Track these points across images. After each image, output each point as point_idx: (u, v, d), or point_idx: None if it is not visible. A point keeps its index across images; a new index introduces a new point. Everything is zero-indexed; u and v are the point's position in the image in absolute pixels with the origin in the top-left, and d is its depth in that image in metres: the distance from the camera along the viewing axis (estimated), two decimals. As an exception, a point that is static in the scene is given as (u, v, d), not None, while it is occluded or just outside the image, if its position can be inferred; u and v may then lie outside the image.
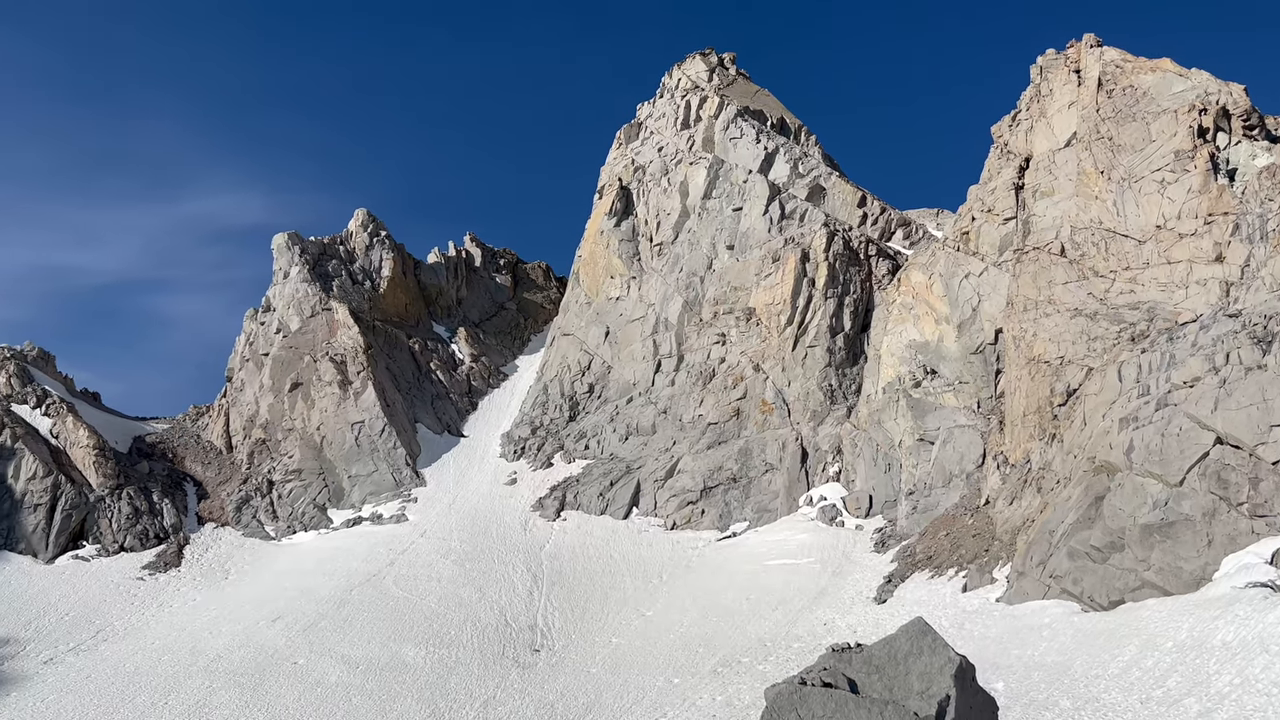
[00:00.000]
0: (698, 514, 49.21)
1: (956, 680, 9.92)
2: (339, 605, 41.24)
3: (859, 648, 10.73)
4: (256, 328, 70.41)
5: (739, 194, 60.93)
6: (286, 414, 63.60)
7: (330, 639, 37.69)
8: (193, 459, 64.11)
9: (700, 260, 60.69)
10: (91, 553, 52.40)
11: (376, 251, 76.57)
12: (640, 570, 43.81)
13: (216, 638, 39.21)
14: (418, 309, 77.47)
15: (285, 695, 32.71)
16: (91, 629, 42.76)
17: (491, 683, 33.16)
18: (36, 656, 39.33)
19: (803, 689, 9.84)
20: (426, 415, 65.39)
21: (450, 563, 45.68)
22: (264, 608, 42.38)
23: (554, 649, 36.32)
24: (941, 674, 9.93)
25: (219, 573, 50.10)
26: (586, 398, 63.30)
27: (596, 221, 71.00)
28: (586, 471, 55.29)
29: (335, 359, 63.78)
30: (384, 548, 48.51)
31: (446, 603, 40.90)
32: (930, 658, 10.10)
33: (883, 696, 9.95)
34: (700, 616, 36.35)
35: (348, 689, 32.95)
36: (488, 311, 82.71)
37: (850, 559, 39.49)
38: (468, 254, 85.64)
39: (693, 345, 58.04)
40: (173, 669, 36.23)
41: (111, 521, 54.39)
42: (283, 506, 57.50)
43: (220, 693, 33.29)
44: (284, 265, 72.08)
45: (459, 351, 74.55)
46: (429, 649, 36.24)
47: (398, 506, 54.95)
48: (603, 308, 66.64)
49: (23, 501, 54.26)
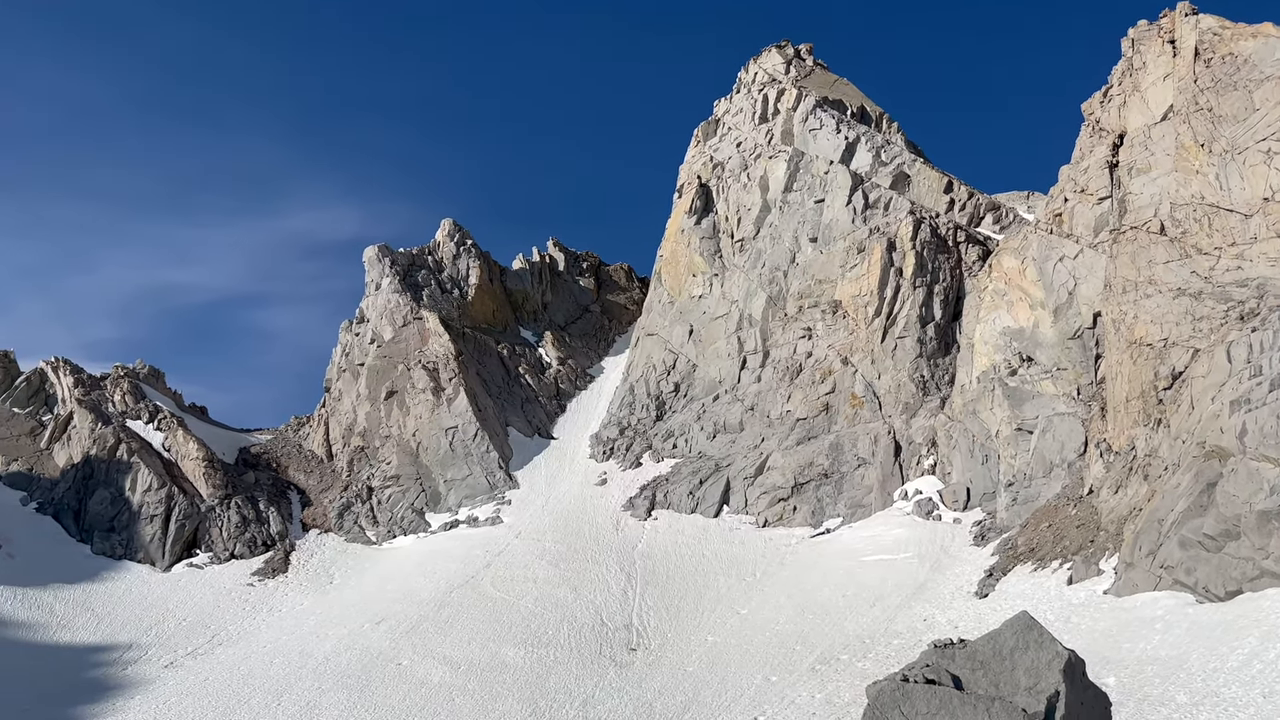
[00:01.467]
0: (789, 511, 48.83)
1: (1066, 675, 9.66)
2: (439, 607, 42.18)
3: (962, 643, 10.54)
4: (352, 339, 72.46)
5: (820, 185, 60.22)
6: (383, 422, 65.31)
7: (432, 640, 38.57)
8: (296, 468, 66.34)
9: (783, 254, 60.18)
10: (204, 560, 54.68)
11: (463, 260, 78.03)
12: (733, 568, 43.69)
13: (324, 641, 40.50)
14: (505, 315, 78.70)
15: (391, 696, 33.60)
16: (207, 634, 44.63)
17: (590, 682, 33.48)
18: (158, 661, 41.23)
19: (905, 686, 9.71)
20: (517, 419, 66.37)
21: (545, 563, 46.27)
22: (368, 611, 43.62)
23: (650, 648, 36.49)
24: (1050, 669, 9.69)
25: (324, 577, 51.73)
26: (673, 397, 63.41)
27: (677, 220, 71.04)
28: (675, 470, 55.39)
29: (428, 367, 65.22)
30: (480, 550, 49.43)
31: (543, 603, 41.46)
32: (1037, 653, 9.86)
33: (989, 693, 9.75)
34: (796, 614, 36.08)
35: (450, 689, 33.67)
36: (572, 315, 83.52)
37: (949, 553, 38.69)
38: (551, 259, 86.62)
39: (778, 340, 57.60)
40: (284, 671, 37.55)
41: (222, 530, 56.66)
42: (382, 512, 59.08)
43: (329, 694, 34.37)
44: (375, 277, 74.03)
45: (546, 355, 75.48)
46: (528, 649, 36.80)
47: (492, 509, 55.91)
48: (686, 306, 66.64)
49: (140, 513, 56.96)
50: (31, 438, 65.05)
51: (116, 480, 59.02)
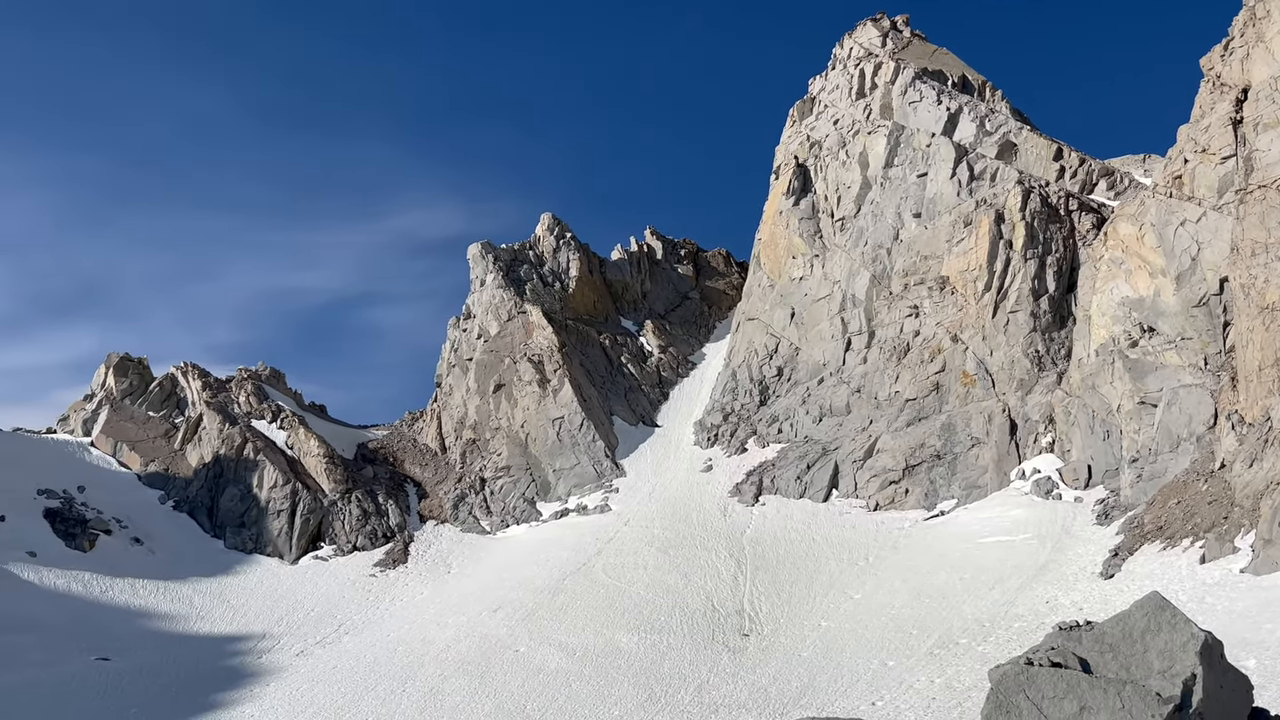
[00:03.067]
0: (901, 493, 47.94)
1: (1203, 658, 9.25)
2: (553, 594, 42.95)
3: (1089, 625, 10.19)
4: (459, 334, 74.24)
5: (923, 159, 58.70)
6: (492, 414, 66.74)
7: (548, 627, 39.32)
8: (411, 461, 68.41)
9: (886, 232, 58.94)
10: (329, 553, 56.95)
11: (563, 253, 78.96)
12: (844, 552, 43.18)
13: (444, 629, 41.74)
14: (605, 305, 79.36)
15: (510, 682, 34.41)
16: (334, 623, 46.51)
17: (704, 667, 33.62)
18: (289, 650, 43.16)
19: (1030, 669, 9.45)
20: (621, 407, 66.92)
21: (655, 550, 46.60)
22: (485, 599, 44.75)
23: (763, 633, 36.40)
24: (1185, 651, 9.29)
25: (442, 567, 53.26)
26: (776, 381, 62.91)
27: (774, 202, 70.32)
28: (782, 455, 54.99)
29: (533, 359, 66.31)
30: (591, 537, 50.09)
31: (654, 589, 41.79)
32: (1171, 634, 9.46)
33: (1119, 676, 9.41)
34: (911, 598, 35.45)
35: (567, 675, 34.28)
36: (672, 302, 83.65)
37: (1070, 533, 37.40)
38: (649, 247, 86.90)
39: (884, 320, 56.50)
40: (407, 659, 38.85)
41: (344, 523, 58.89)
42: (495, 502, 60.45)
43: (451, 680, 35.41)
44: (480, 273, 75.62)
45: (647, 344, 75.83)
46: (641, 635, 37.16)
47: (601, 497, 56.57)
48: (786, 289, 65.96)
49: (267, 508, 59.67)
50: (166, 439, 68.79)
51: (245, 478, 61.97)
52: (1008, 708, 9.25)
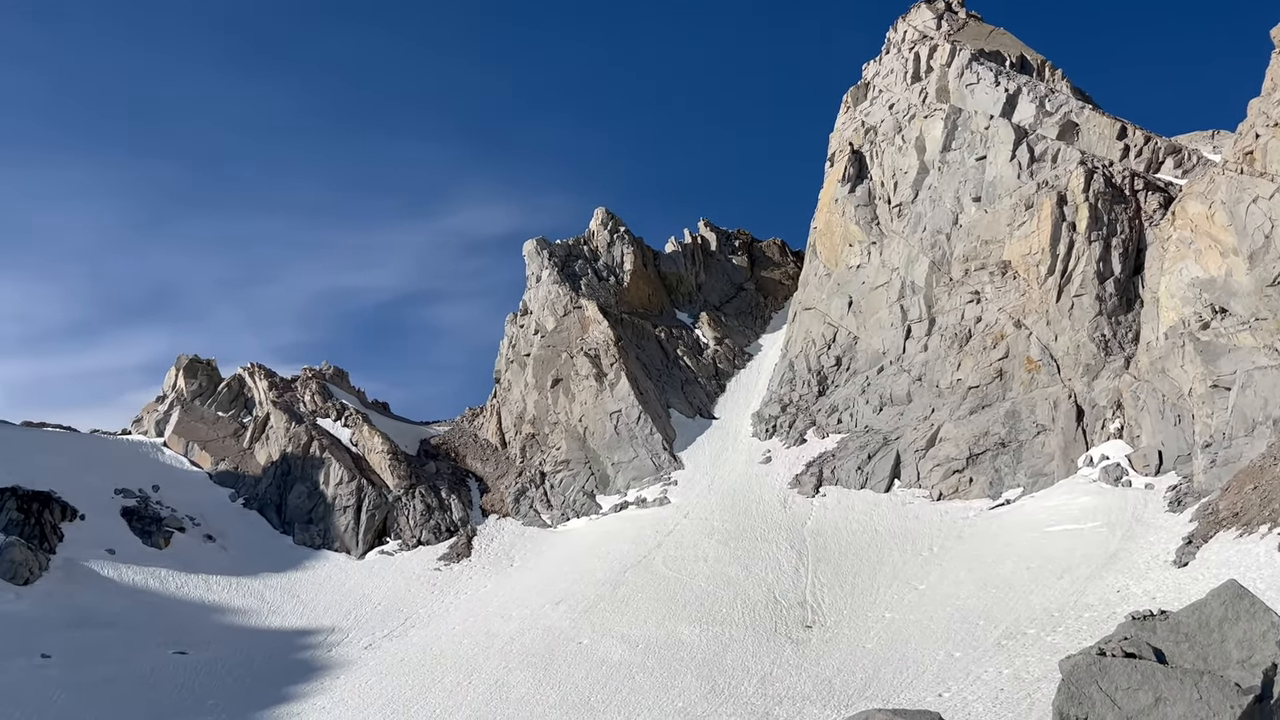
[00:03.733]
0: (965, 482, 47.24)
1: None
2: (614, 587, 43.17)
3: (1163, 615, 9.97)
4: (517, 330, 74.88)
5: (981, 142, 57.63)
6: (551, 409, 67.23)
7: (610, 619, 39.55)
8: (472, 456, 69.25)
9: (944, 217, 58.02)
10: (394, 547, 57.93)
11: (617, 247, 79.13)
12: (908, 543, 42.69)
13: (508, 621, 42.21)
14: (660, 298, 79.37)
15: (574, 674, 34.69)
16: (400, 616, 47.31)
17: (767, 659, 33.53)
18: (358, 642, 44.03)
19: (1103, 660, 9.28)
20: (678, 400, 66.93)
21: (715, 542, 46.57)
22: (547, 592, 45.15)
23: (826, 625, 36.17)
24: (1265, 641, 9.04)
25: (504, 560, 53.85)
26: (835, 371, 62.35)
27: (830, 189, 69.63)
28: (842, 445, 54.53)
29: (589, 354, 66.62)
30: (650, 530, 50.21)
31: (715, 581, 41.77)
32: (1250, 623, 9.21)
33: (1195, 667, 9.19)
34: (978, 588, 34.94)
35: (630, 667, 34.45)
36: (727, 294, 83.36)
37: (1141, 520, 36.50)
38: (703, 239, 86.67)
39: (944, 307, 55.65)
40: (472, 651, 39.38)
41: (409, 518, 59.85)
42: (555, 496, 60.92)
43: (516, 673, 35.81)
44: (535, 270, 76.15)
45: (703, 336, 75.69)
46: (703, 627, 37.18)
47: (659, 490, 56.66)
48: (843, 277, 65.31)
49: (334, 505, 60.89)
50: (235, 439, 70.54)
51: (311, 475, 63.30)
52: (1080, 699, 9.10)
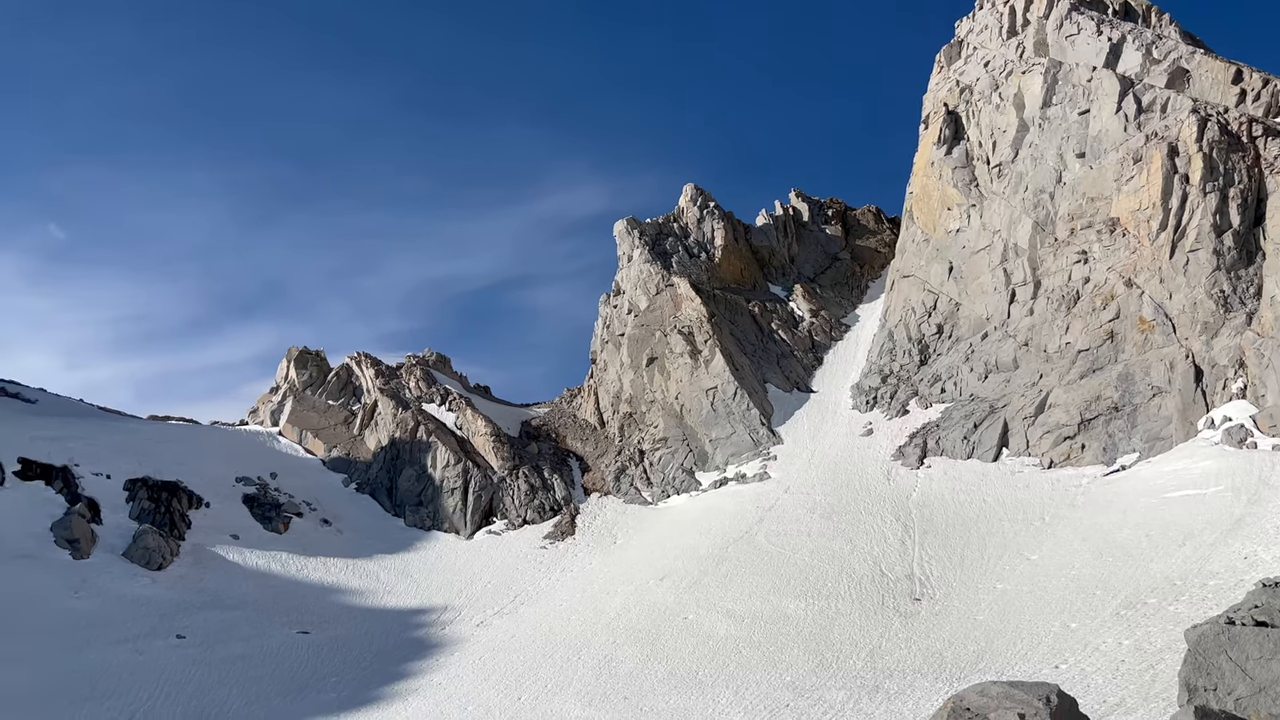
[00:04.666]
0: (1077, 449, 45.67)
1: None
2: (718, 562, 43.27)
3: (1298, 582, 9.49)
4: (610, 311, 75.36)
5: (1084, 95, 55.22)
6: (647, 387, 67.55)
7: (714, 595, 39.69)
8: (572, 437, 70.17)
9: (1047, 175, 55.89)
10: (501, 527, 59.24)
11: (708, 223, 78.74)
12: (1018, 513, 41.57)
13: (613, 598, 42.76)
14: (753, 273, 78.74)
15: (681, 649, 34.97)
16: (510, 594, 48.40)
17: (875, 632, 33.18)
18: (470, 620, 45.23)
19: (1232, 630, 8.89)
20: (774, 375, 66.42)
21: (817, 517, 46.20)
22: (651, 568, 45.55)
23: (935, 597, 35.56)
24: None
25: (608, 538, 54.51)
26: (936, 339, 60.92)
27: (925, 153, 67.80)
28: (946, 415, 53.32)
29: (683, 331, 66.62)
30: (751, 505, 50.11)
31: (819, 556, 41.47)
32: (1395, 590, 8.69)
33: (1335, 635, 8.71)
34: (1093, 557, 33.82)
35: (736, 641, 34.54)
36: (821, 265, 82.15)
37: (1269, 484, 34.71)
38: (794, 210, 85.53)
39: (1049, 269, 53.72)
40: (580, 628, 40.05)
41: (513, 499, 61.08)
42: (655, 473, 61.30)
43: (623, 648, 36.29)
44: (626, 249, 76.40)
45: (798, 309, 74.84)
46: (808, 601, 36.99)
47: (759, 465, 56.45)
48: (942, 243, 63.62)
49: (441, 487, 62.55)
50: (346, 426, 73.02)
51: (419, 459, 65.12)
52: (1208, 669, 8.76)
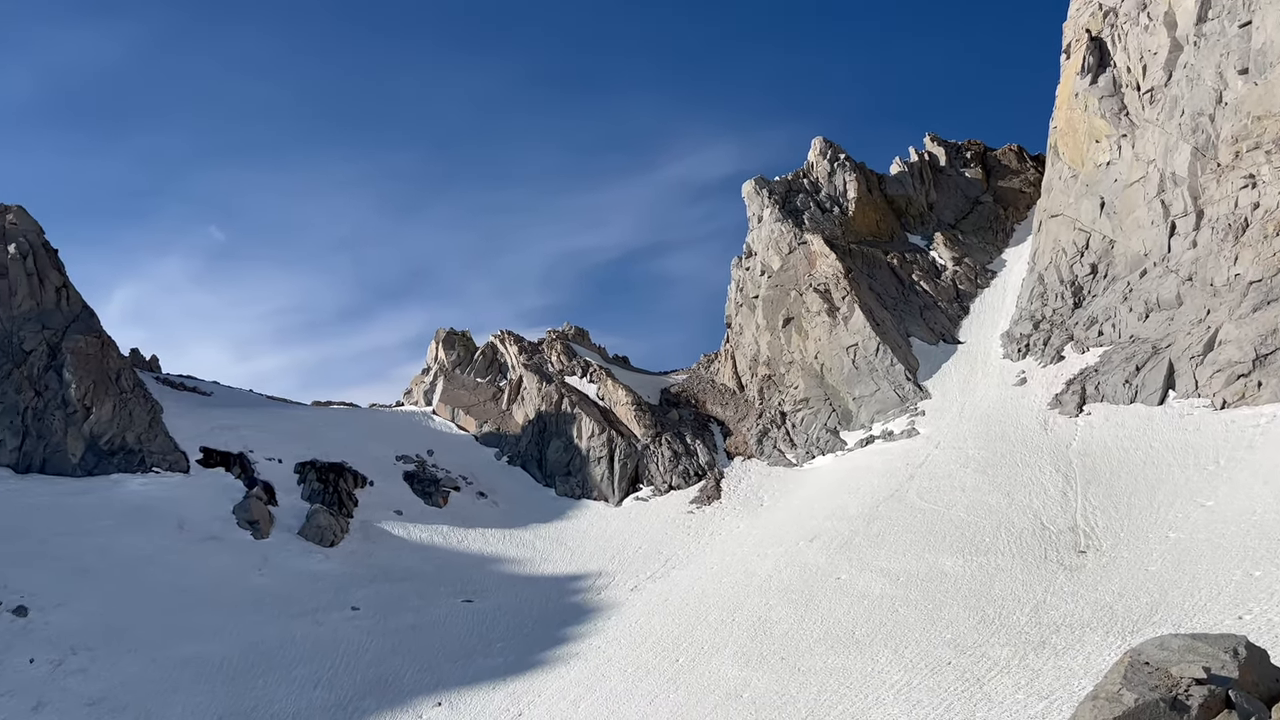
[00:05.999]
0: (1253, 387, 42.66)
1: None
2: (868, 521, 42.71)
3: None
4: (743, 274, 74.83)
5: (1244, 6, 50.90)
6: (784, 348, 66.92)
7: (866, 554, 39.23)
8: (712, 401, 70.35)
9: (1206, 96, 51.98)
10: (647, 494, 60.13)
11: (839, 176, 76.94)
12: (1190, 457, 39.24)
13: (764, 560, 42.85)
14: (889, 224, 76.57)
15: (835, 609, 34.78)
16: (661, 559, 49.17)
17: (1039, 587, 32.12)
18: (624, 585, 46.24)
19: None
20: (918, 327, 64.62)
21: (971, 471, 44.90)
22: (800, 529, 45.36)
23: (1102, 549, 34.09)
24: None
25: (754, 501, 54.56)
26: (1090, 280, 57.87)
27: (1068, 84, 64.14)
28: (1105, 359, 50.70)
29: (819, 289, 65.54)
30: (901, 463, 49.13)
31: (975, 511, 40.35)
32: None
33: None
34: (1276, 501, 31.64)
35: (893, 600, 34.09)
36: (962, 210, 79.11)
37: None
38: (930, 156, 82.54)
39: (1213, 196, 50.08)
40: (732, 589, 40.34)
41: (658, 465, 61.83)
42: (798, 434, 60.82)
43: (777, 609, 36.37)
44: (756, 210, 75.56)
45: (939, 258, 72.41)
46: (966, 557, 36.10)
47: (906, 422, 55.20)
48: (1092, 177, 60.19)
49: (588, 457, 63.92)
50: (494, 402, 75.43)
51: (565, 430, 66.70)
52: None
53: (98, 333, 61.35)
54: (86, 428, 55.84)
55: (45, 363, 57.63)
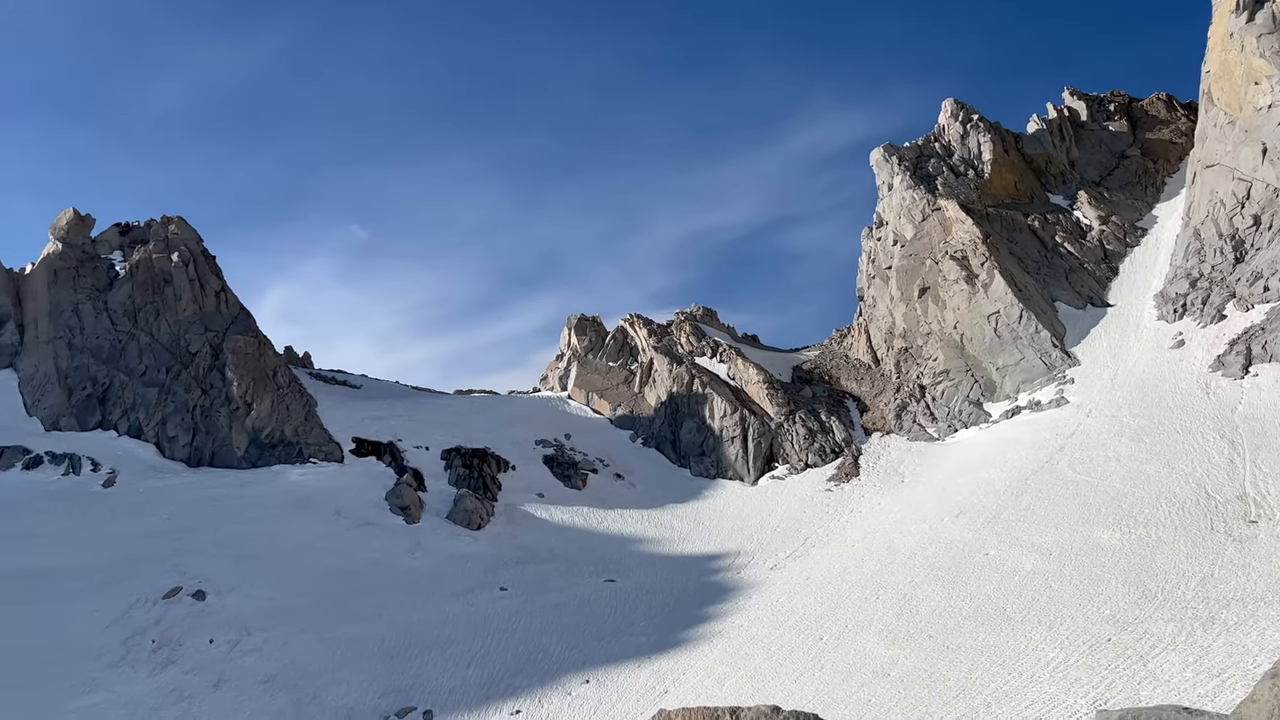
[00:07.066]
0: None
1: None
2: (1017, 495, 41.25)
3: None
4: (874, 244, 73.10)
5: None
6: (921, 319, 65.11)
7: (1015, 529, 37.93)
8: (846, 377, 69.16)
9: (1383, 25, 47.59)
10: (783, 472, 59.70)
11: (972, 138, 74.12)
12: (1375, 418, 36.29)
13: (907, 536, 41.97)
14: (1028, 184, 73.32)
15: (984, 585, 33.79)
16: (800, 537, 48.79)
17: (1205, 560, 30.37)
18: (764, 564, 46.11)
19: None
20: (1063, 292, 61.75)
21: (1126, 440, 42.73)
22: (943, 505, 44.21)
23: (1275, 519, 31.93)
24: None
25: (894, 477, 53.43)
26: (1253, 232, 53.96)
27: (1221, 25, 59.76)
28: (1273, 316, 47.24)
29: (955, 256, 63.42)
30: (1049, 433, 47.20)
31: (1131, 481, 38.42)
32: None
33: None
34: None
35: (1045, 575, 32.87)
36: (1106, 166, 75.00)
37: None
38: (1070, 111, 78.53)
39: (1394, 134, 45.91)
40: (875, 567, 39.70)
41: (793, 443, 61.28)
42: (938, 408, 59.15)
43: (922, 586, 35.60)
44: (886, 178, 73.61)
45: (1083, 217, 68.90)
46: (1123, 530, 34.45)
47: (1054, 390, 52.93)
48: (1251, 122, 56.00)
49: (721, 436, 63.91)
50: (626, 385, 76.26)
51: (697, 411, 66.86)
52: None
53: (255, 333, 65.17)
54: (249, 423, 59.44)
55: (209, 363, 61.62)
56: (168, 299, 64.45)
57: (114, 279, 66.68)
